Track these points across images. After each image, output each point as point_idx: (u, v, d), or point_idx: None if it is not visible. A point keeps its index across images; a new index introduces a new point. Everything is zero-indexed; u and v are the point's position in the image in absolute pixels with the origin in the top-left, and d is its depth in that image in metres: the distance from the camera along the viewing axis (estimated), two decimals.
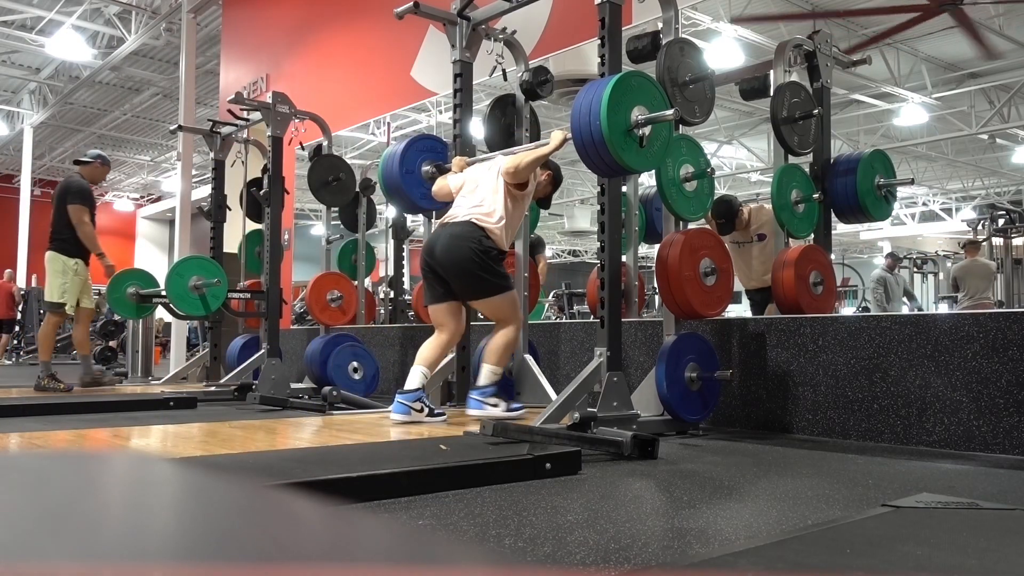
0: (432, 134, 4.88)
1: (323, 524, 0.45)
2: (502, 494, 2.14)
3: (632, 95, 3.03)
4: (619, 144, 2.96)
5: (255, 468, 2.34)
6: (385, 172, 4.56)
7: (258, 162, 6.43)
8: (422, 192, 4.51)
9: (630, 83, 3.04)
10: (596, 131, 2.95)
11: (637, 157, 3.05)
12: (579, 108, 3.04)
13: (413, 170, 4.52)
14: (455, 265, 3.69)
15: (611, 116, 2.92)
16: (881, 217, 4.43)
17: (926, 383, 3.16)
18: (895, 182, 4.37)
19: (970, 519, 1.83)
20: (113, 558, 0.35)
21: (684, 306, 3.43)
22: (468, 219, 3.71)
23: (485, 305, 3.82)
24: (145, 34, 11.22)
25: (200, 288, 5.55)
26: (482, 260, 3.66)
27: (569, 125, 3.10)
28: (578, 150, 3.07)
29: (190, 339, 11.36)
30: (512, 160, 3.72)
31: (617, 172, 3.18)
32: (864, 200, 4.21)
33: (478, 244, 3.66)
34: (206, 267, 5.72)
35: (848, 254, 21.05)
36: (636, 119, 3.01)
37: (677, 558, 1.54)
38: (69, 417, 4.06)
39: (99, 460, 0.61)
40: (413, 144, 4.59)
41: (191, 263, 5.75)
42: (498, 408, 3.69)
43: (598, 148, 2.98)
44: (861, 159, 4.25)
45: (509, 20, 4.58)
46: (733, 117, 13.47)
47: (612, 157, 2.97)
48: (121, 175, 20.43)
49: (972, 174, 17.01)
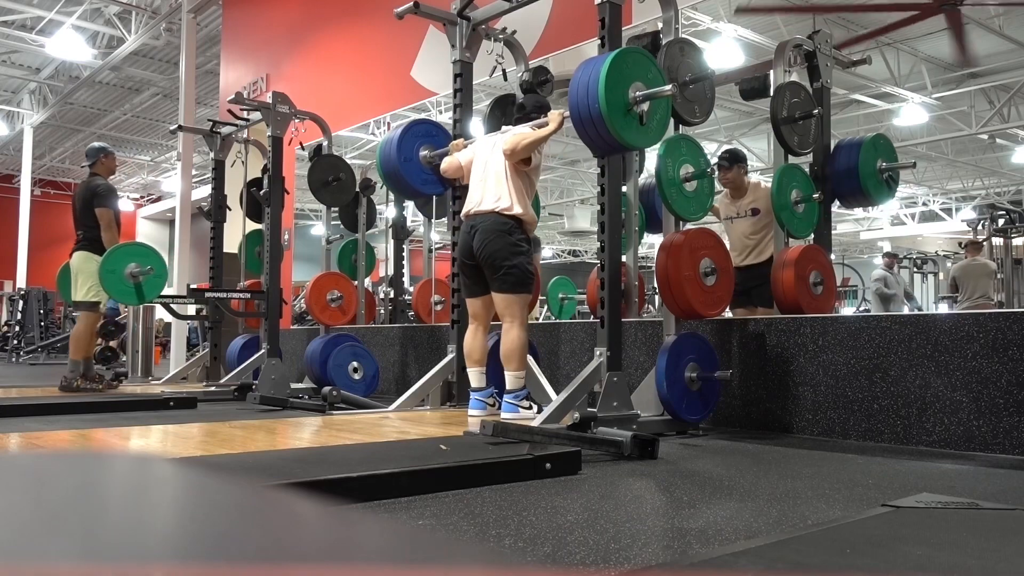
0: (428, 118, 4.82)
1: (323, 524, 0.45)
2: (502, 494, 2.14)
3: (629, 71, 3.03)
4: (618, 121, 2.96)
5: (255, 468, 2.34)
6: (383, 160, 4.54)
7: (258, 162, 6.43)
8: (423, 178, 4.51)
9: (627, 59, 3.03)
10: (595, 109, 2.94)
11: (636, 134, 3.06)
12: (576, 86, 3.03)
13: (411, 157, 4.51)
14: (491, 256, 3.79)
15: (609, 93, 2.92)
16: (882, 200, 4.46)
17: (926, 383, 3.16)
18: (897, 166, 4.38)
19: (970, 519, 1.83)
20: (113, 558, 0.35)
21: (684, 306, 3.43)
22: (495, 210, 3.80)
23: (507, 300, 3.85)
24: (145, 34, 11.22)
25: (136, 276, 5.36)
26: (519, 253, 3.79)
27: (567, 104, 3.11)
28: (576, 128, 3.07)
29: (190, 339, 11.36)
30: (510, 142, 3.77)
31: (616, 149, 3.19)
32: (866, 183, 4.22)
33: (514, 236, 3.79)
34: (141, 254, 5.49)
35: (848, 254, 21.06)
36: (634, 96, 3.01)
37: (677, 558, 1.54)
38: (69, 417, 4.06)
39: (99, 460, 0.61)
40: (409, 130, 4.55)
41: (122, 251, 5.47)
42: (532, 410, 3.74)
43: (596, 126, 2.97)
44: (864, 142, 4.27)
45: (509, 20, 4.58)
46: (733, 117, 13.47)
47: (611, 135, 2.97)
48: (121, 175, 20.42)
49: (972, 174, 17.01)
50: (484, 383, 3.99)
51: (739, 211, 5.02)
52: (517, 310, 3.84)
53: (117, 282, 5.32)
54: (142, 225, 22.67)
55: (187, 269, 9.22)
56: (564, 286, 7.40)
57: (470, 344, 4.04)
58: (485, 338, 4.05)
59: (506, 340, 3.85)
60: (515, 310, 3.83)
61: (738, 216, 5.04)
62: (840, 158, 4.30)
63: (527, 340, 3.89)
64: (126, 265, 5.37)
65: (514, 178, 3.82)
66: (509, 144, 3.76)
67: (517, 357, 3.83)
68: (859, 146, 4.25)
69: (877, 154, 4.29)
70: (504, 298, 3.86)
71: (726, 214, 5.10)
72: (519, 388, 3.84)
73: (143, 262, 5.42)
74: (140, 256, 5.48)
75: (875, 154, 4.28)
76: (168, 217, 19.97)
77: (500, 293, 3.86)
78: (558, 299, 7.27)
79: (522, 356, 3.85)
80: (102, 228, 5.54)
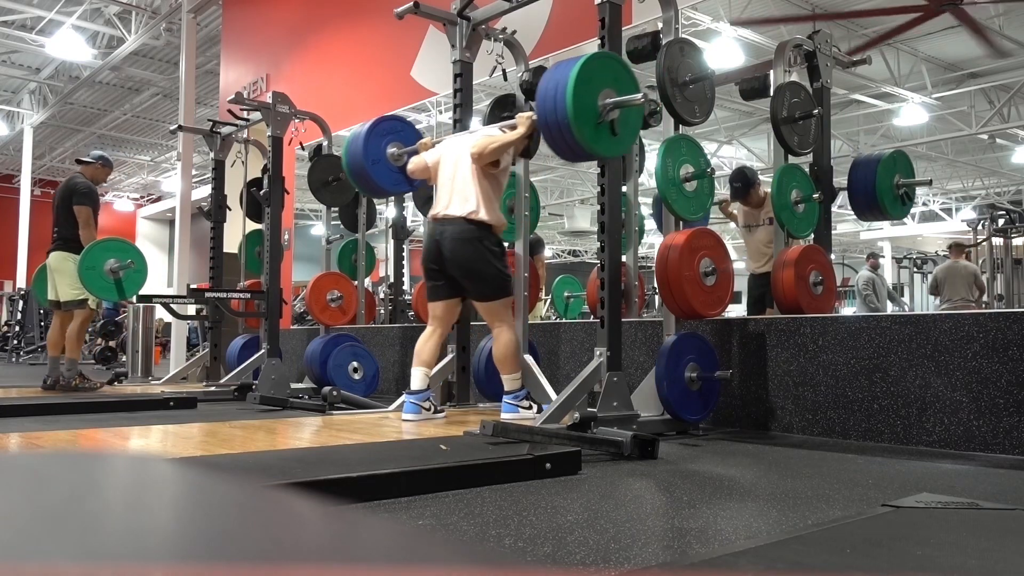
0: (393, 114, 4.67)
1: (323, 524, 0.45)
2: (502, 494, 2.14)
3: (599, 78, 2.91)
4: (587, 131, 2.87)
5: (255, 468, 2.34)
6: (350, 160, 4.40)
7: (258, 162, 6.43)
8: (393, 179, 4.39)
9: (596, 65, 2.91)
10: (563, 118, 2.82)
11: (607, 144, 2.97)
12: (544, 93, 2.91)
13: (380, 159, 4.37)
14: (465, 266, 3.75)
15: (577, 101, 2.82)
16: (897, 216, 4.55)
17: (926, 383, 3.15)
18: (913, 182, 4.47)
19: (970, 519, 1.83)
20: (113, 558, 0.35)
21: (684, 306, 3.43)
22: (464, 216, 3.73)
23: (490, 307, 3.84)
24: (145, 34, 11.22)
25: (116, 272, 5.29)
26: (493, 259, 3.75)
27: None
28: (544, 136, 2.98)
29: (190, 339, 11.35)
30: (478, 145, 3.72)
31: (584, 158, 3.12)
32: (883, 199, 4.29)
33: (485, 243, 3.74)
34: (120, 249, 5.41)
35: (848, 254, 21.06)
36: (604, 104, 2.92)
37: (677, 558, 1.54)
38: (69, 417, 4.06)
39: (99, 460, 0.61)
40: (374, 130, 4.41)
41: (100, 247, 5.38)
42: (532, 410, 3.74)
43: (565, 135, 2.88)
44: (882, 158, 4.34)
45: (509, 20, 4.57)
46: (733, 117, 13.47)
47: (580, 144, 2.87)
48: (121, 175, 20.42)
49: (972, 174, 17.00)
50: (424, 385, 3.85)
51: (758, 220, 5.16)
52: (503, 314, 3.83)
53: (97, 278, 5.26)
54: (142, 225, 22.68)
55: (187, 269, 9.21)
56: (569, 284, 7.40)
57: (421, 345, 3.93)
58: (439, 342, 3.96)
59: (497, 345, 3.83)
60: (501, 315, 3.82)
61: (757, 225, 5.18)
62: (858, 173, 4.38)
63: (517, 341, 3.88)
64: (105, 261, 5.32)
65: (482, 181, 3.76)
66: (477, 147, 3.72)
67: (511, 360, 3.82)
68: (877, 162, 4.32)
69: (895, 169, 4.37)
70: (487, 306, 3.84)
71: (745, 222, 5.20)
72: (517, 389, 3.83)
73: (122, 257, 5.35)
74: (119, 251, 5.42)
75: (893, 170, 4.36)
76: (168, 217, 19.98)
77: (483, 301, 3.83)
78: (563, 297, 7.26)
79: (515, 358, 3.84)
80: (80, 225, 5.50)
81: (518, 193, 4.38)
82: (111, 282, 5.26)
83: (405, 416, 3.80)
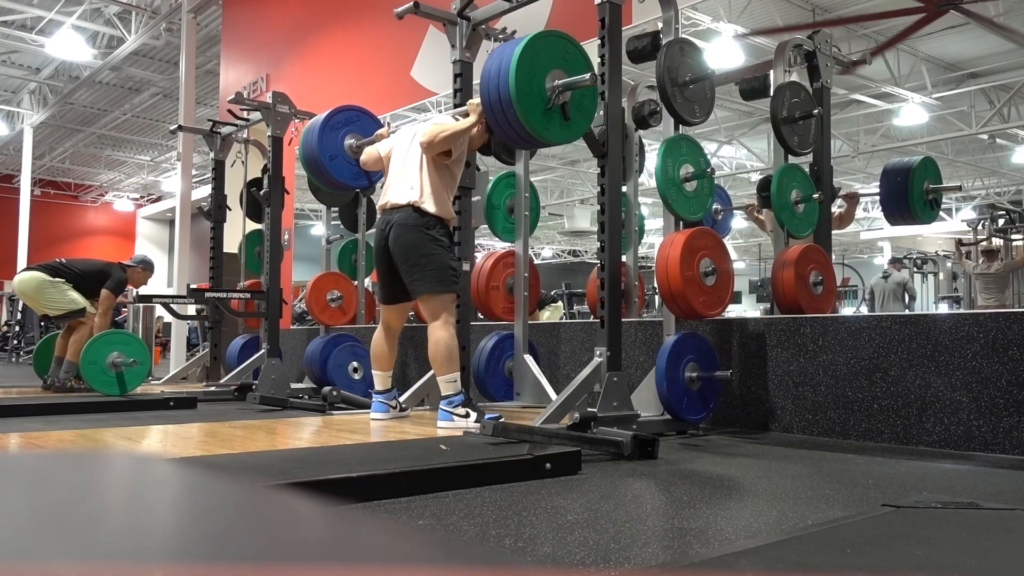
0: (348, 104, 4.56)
1: (323, 524, 0.45)
2: (502, 494, 2.14)
3: (548, 57, 2.72)
4: (534, 116, 2.68)
5: (255, 468, 2.34)
6: (305, 155, 4.29)
7: (258, 162, 6.42)
8: (353, 172, 4.32)
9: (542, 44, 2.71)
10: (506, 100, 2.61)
11: (558, 130, 2.80)
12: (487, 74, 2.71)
13: (337, 154, 4.29)
14: (408, 253, 3.59)
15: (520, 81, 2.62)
16: (927, 222, 4.68)
17: (926, 383, 3.15)
18: (942, 188, 4.60)
19: (970, 519, 1.83)
20: (113, 558, 0.35)
21: (684, 306, 3.43)
22: (411, 204, 3.61)
23: (427, 301, 3.63)
24: (145, 34, 11.22)
25: (118, 366, 5.17)
26: (438, 248, 3.60)
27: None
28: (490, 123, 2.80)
29: (190, 339, 11.35)
30: (427, 134, 3.59)
31: (535, 144, 2.93)
32: (915, 206, 4.40)
33: (431, 231, 3.60)
34: (124, 343, 5.31)
35: (848, 254, 21.07)
36: (554, 85, 2.76)
37: (677, 558, 1.54)
38: (69, 417, 4.06)
39: (99, 460, 0.61)
40: (328, 122, 4.28)
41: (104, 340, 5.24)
42: (470, 418, 3.51)
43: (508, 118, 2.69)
44: (913, 166, 4.44)
45: (509, 20, 4.57)
46: (733, 117, 13.48)
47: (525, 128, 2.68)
48: (121, 175, 20.43)
49: (972, 174, 17.01)
50: (389, 385, 3.88)
51: None
52: (439, 309, 3.60)
53: (99, 373, 5.13)
54: (142, 225, 22.67)
55: (187, 269, 9.21)
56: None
57: (377, 348, 3.89)
58: (394, 343, 3.91)
59: (431, 343, 3.61)
60: (436, 310, 3.60)
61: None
62: (890, 181, 4.48)
63: (455, 340, 3.65)
64: (108, 355, 5.18)
65: (432, 171, 3.62)
66: (427, 136, 3.57)
67: (446, 360, 3.58)
68: (909, 170, 4.42)
69: (925, 176, 4.48)
70: (424, 299, 3.63)
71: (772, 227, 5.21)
72: (453, 393, 3.60)
73: (127, 352, 5.22)
74: (123, 345, 5.29)
75: (924, 177, 4.47)
76: (168, 217, 19.97)
77: (420, 293, 3.62)
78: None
79: (451, 359, 3.59)
80: (100, 310, 5.68)
81: (518, 193, 4.38)
82: (112, 376, 5.17)
83: (373, 415, 3.85)
